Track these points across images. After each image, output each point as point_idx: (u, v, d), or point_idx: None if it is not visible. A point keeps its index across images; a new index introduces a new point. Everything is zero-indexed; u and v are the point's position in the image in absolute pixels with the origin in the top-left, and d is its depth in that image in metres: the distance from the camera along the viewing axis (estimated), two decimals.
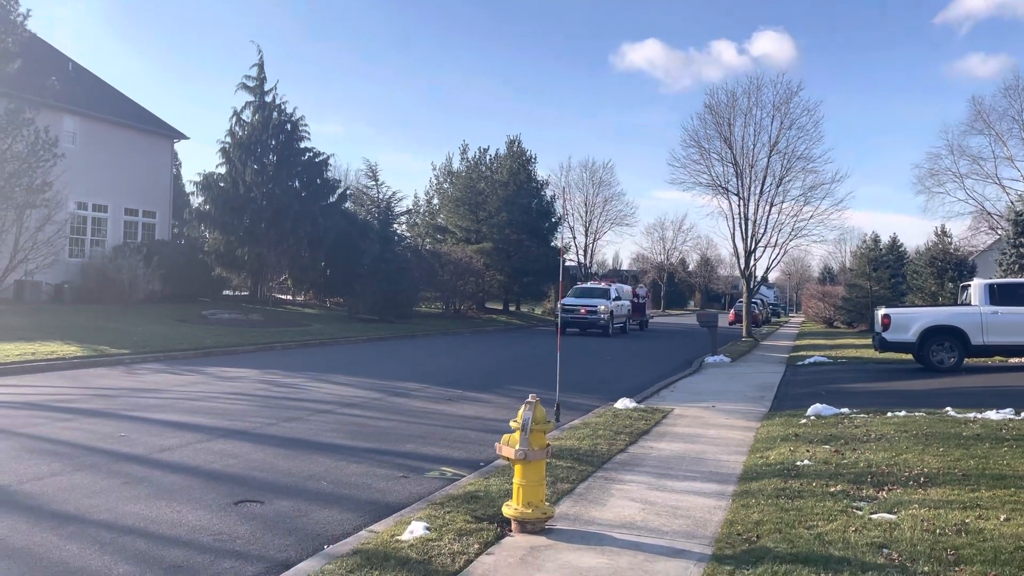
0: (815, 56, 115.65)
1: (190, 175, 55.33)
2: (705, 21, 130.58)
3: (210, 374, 14.06)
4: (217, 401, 11.12)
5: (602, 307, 31.64)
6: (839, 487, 6.56)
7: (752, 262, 33.43)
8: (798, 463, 7.53)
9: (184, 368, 14.76)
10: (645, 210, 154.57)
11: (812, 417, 10.54)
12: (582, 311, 31.66)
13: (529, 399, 5.56)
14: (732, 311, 54.03)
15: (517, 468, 5.50)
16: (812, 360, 20.92)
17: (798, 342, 32.38)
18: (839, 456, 7.81)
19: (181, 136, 34.46)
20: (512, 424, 5.56)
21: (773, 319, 66.62)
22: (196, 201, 35.24)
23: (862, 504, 6.06)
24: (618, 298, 33.78)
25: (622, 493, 6.64)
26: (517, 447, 5.41)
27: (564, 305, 30.63)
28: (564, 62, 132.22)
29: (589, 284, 36.69)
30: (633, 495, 6.58)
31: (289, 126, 34.16)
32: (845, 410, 10.93)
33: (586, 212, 61.38)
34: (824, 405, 11.01)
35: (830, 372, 18.16)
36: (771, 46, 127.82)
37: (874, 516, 5.69)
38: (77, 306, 25.11)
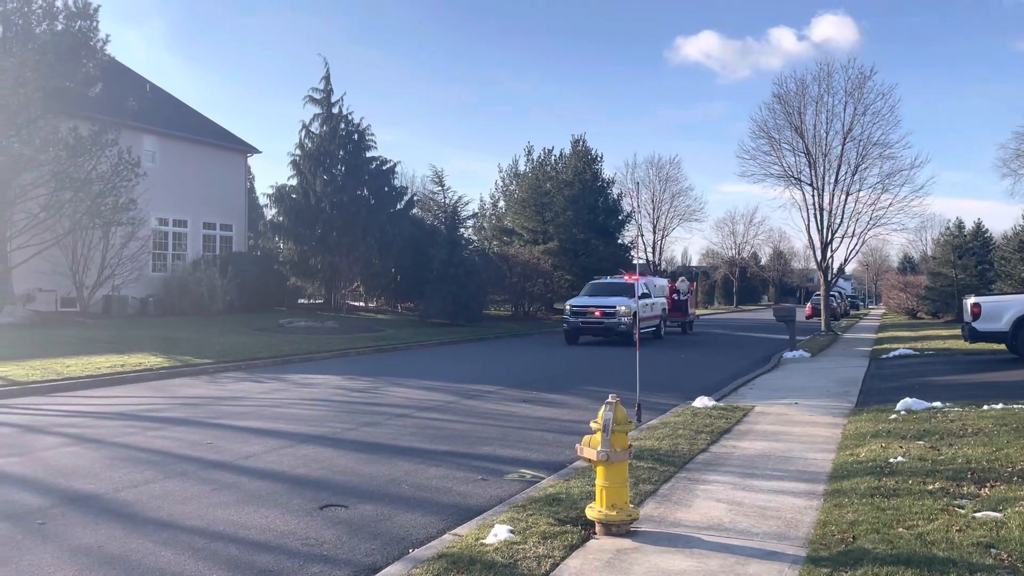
0: (880, 38, 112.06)
1: (263, 188, 56.81)
2: (761, 9, 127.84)
3: (290, 381, 14.36)
4: (298, 407, 11.33)
5: (622, 308, 24.50)
6: (938, 484, 6.26)
7: (829, 254, 32.41)
8: (891, 460, 7.22)
9: (264, 376, 15.12)
10: (714, 204, 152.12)
11: (902, 412, 10.13)
12: (596, 313, 24.82)
13: (609, 399, 5.47)
14: (809, 305, 52.59)
15: (599, 470, 5.41)
16: (897, 353, 20.17)
17: (880, 335, 31.28)
18: (935, 452, 7.47)
19: (254, 150, 35.43)
20: (593, 425, 5.47)
21: (852, 312, 64.62)
22: (270, 213, 36.23)
23: (964, 502, 5.77)
24: (646, 295, 26.28)
25: (707, 494, 6.48)
26: (599, 448, 5.32)
27: (573, 307, 25.41)
28: (619, 60, 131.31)
29: (607, 279, 29.28)
30: (719, 496, 6.41)
31: (356, 136, 34.79)
32: (937, 404, 10.47)
33: (653, 209, 60.66)
34: (914, 399, 10.57)
35: (917, 365, 17.46)
36: (832, 30, 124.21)
37: (978, 514, 5.40)
38: (161, 318, 26.05)
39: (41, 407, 11.12)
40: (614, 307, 24.56)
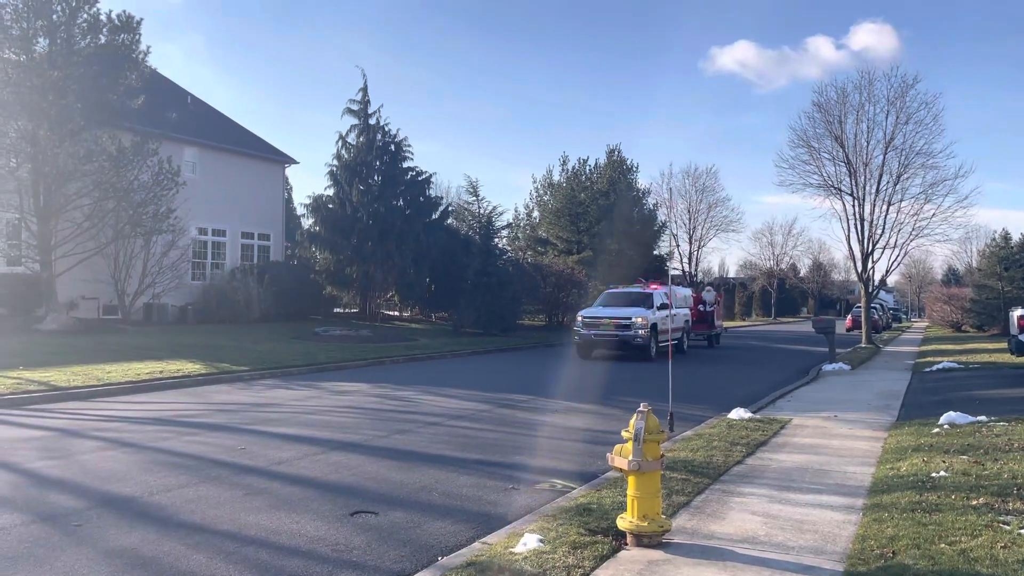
0: (921, 46, 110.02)
1: (300, 198, 57.56)
2: (798, 18, 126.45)
3: (324, 388, 14.45)
4: (331, 415, 11.38)
5: (638, 319, 22.43)
6: (982, 500, 6.07)
7: (870, 265, 31.81)
8: (933, 475, 7.02)
9: (299, 383, 15.23)
10: (752, 215, 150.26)
11: (945, 426, 9.87)
12: (610, 325, 22.69)
13: (641, 408, 5.39)
14: (849, 317, 51.66)
15: (631, 479, 5.33)
16: (940, 366, 19.69)
17: (923, 347, 30.61)
18: (979, 467, 7.25)
19: (292, 161, 35.88)
20: (624, 434, 5.40)
21: (894, 324, 63.37)
22: (307, 223, 36.62)
23: (1009, 519, 5.57)
24: (664, 306, 23.85)
25: (742, 506, 6.35)
26: (631, 458, 5.24)
27: (585, 318, 23.35)
28: (653, 71, 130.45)
29: (622, 288, 26.19)
30: (754, 508, 6.28)
31: (393, 147, 35.07)
32: (982, 418, 10.18)
33: (689, 219, 60.25)
34: (958, 413, 10.30)
35: (962, 378, 17.02)
36: (872, 39, 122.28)
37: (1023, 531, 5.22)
38: (199, 326, 26.43)
39: (81, 412, 11.32)
40: (629, 318, 22.55)
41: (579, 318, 23.62)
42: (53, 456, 8.22)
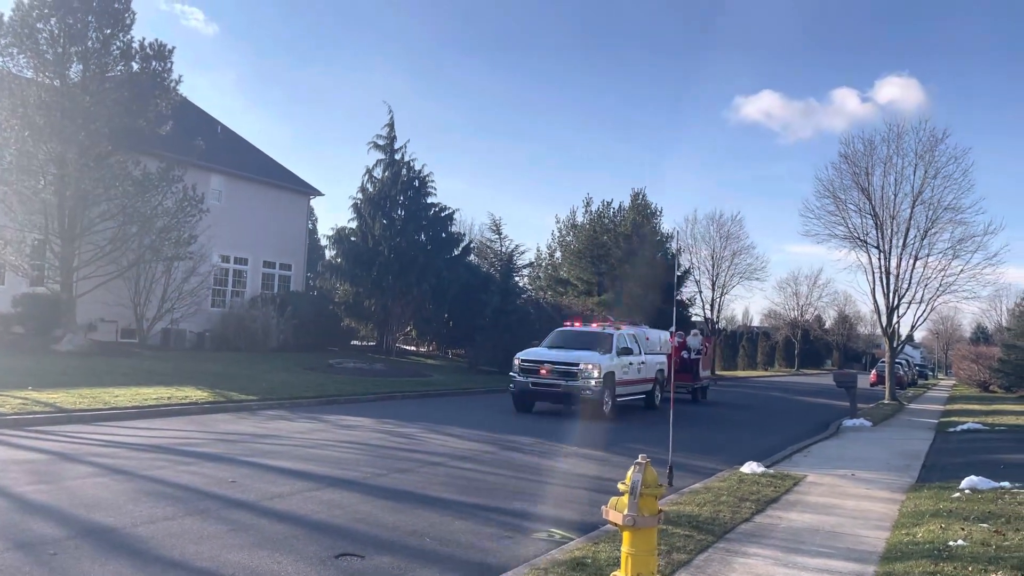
0: (948, 100, 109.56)
1: (324, 230, 58.02)
2: (823, 70, 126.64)
3: (329, 422, 14.24)
4: (332, 449, 11.16)
5: (587, 365, 17.49)
6: (1001, 573, 5.70)
7: (895, 319, 31.25)
8: (951, 543, 6.65)
9: (305, 415, 15.04)
10: (777, 264, 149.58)
11: (967, 491, 9.44)
12: (549, 371, 17.73)
13: (639, 460, 5.12)
14: (874, 372, 50.72)
15: (625, 535, 5.04)
16: (965, 427, 19.09)
17: (949, 407, 29.83)
18: (1000, 537, 6.86)
19: (317, 193, 36.16)
20: (620, 487, 5.12)
21: (920, 381, 62.11)
22: (329, 254, 36.78)
23: None
24: (627, 350, 19.29)
25: (745, 568, 6.03)
26: (625, 512, 4.96)
27: (523, 361, 18.24)
28: (679, 118, 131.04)
29: (578, 327, 20.51)
30: (758, 570, 5.95)
31: (417, 182, 35.26)
32: (1006, 484, 9.73)
33: (713, 266, 59.66)
34: (980, 478, 9.86)
35: (987, 441, 16.46)
36: (898, 92, 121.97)
37: None
38: (216, 353, 26.42)
39: (82, 436, 11.18)
40: (576, 364, 17.56)
41: (516, 361, 18.33)
42: (43, 480, 8.06)
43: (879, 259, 30.70)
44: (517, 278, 38.92)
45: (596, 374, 17.51)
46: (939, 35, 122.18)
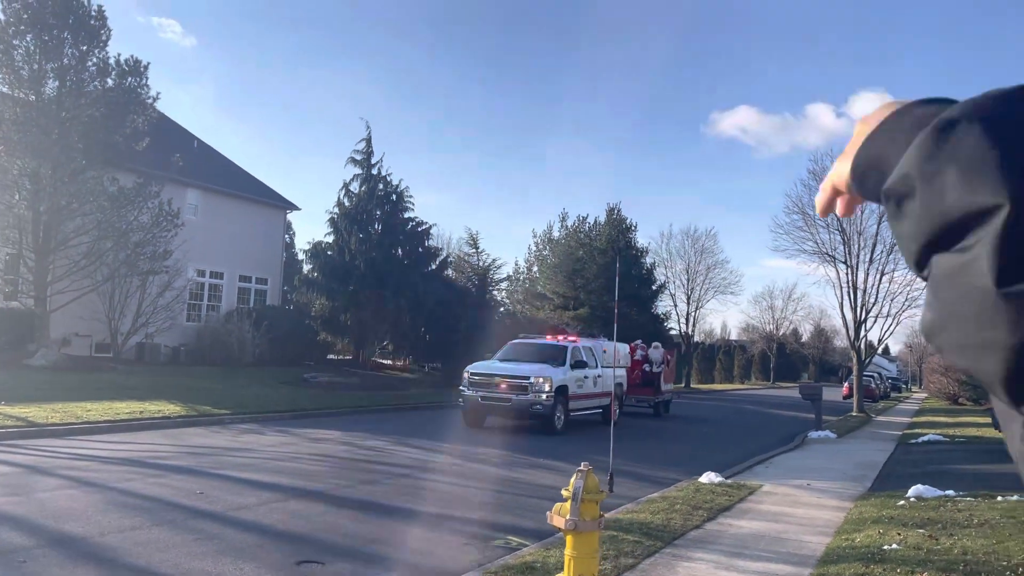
0: None
1: (302, 244, 58.14)
2: (798, 86, 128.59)
3: (299, 435, 14.44)
4: (301, 462, 11.38)
5: (539, 379, 17.15)
6: (925, 574, 6.06)
7: (862, 333, 31.93)
8: (885, 547, 7.01)
9: (276, 429, 15.22)
10: (753, 278, 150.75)
11: (912, 499, 9.84)
12: (501, 385, 17.29)
13: (581, 467, 5.44)
14: (846, 384, 51.41)
15: (568, 538, 5.34)
16: (926, 438, 19.62)
17: (916, 419, 30.47)
18: (932, 542, 7.24)
19: (293, 207, 36.32)
20: (564, 493, 5.44)
21: (892, 394, 63.00)
22: (306, 268, 36.92)
23: None
24: (582, 364, 18.86)
25: (688, 571, 6.35)
26: (568, 516, 5.28)
27: (472, 374, 17.83)
28: (655, 132, 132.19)
29: (533, 339, 20.45)
30: (699, 574, 6.27)
31: (394, 196, 35.53)
32: (951, 492, 10.15)
33: (688, 280, 60.34)
34: (926, 486, 10.28)
35: (945, 452, 16.96)
36: (870, 107, 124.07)
37: None
38: (191, 367, 26.45)
39: (53, 449, 11.32)
40: (528, 378, 17.14)
41: (465, 374, 17.89)
42: (13, 492, 8.23)
43: (847, 274, 31.45)
44: (495, 292, 39.22)
45: (547, 388, 17.11)
46: (910, 50, 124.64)
